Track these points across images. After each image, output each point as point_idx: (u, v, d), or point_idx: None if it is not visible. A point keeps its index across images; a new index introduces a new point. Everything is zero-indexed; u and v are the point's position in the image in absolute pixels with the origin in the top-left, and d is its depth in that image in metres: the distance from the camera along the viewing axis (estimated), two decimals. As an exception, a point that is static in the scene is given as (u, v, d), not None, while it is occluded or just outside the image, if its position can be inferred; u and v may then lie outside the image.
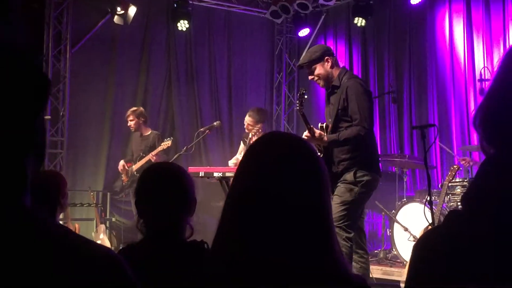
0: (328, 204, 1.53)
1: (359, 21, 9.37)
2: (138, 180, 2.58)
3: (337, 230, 4.61)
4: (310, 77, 5.22)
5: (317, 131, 4.94)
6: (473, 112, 1.19)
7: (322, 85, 5.19)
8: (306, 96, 5.15)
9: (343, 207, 4.76)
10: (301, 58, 5.36)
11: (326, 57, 5.08)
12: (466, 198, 1.18)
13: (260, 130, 7.22)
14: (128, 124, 8.35)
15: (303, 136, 5.01)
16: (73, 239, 1.04)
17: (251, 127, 7.09)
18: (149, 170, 2.61)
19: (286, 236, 1.41)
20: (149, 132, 8.41)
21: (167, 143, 7.94)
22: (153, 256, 2.36)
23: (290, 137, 1.61)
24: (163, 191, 2.45)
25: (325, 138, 4.90)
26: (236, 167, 5.70)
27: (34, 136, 1.06)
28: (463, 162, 7.17)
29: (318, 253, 1.44)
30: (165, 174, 2.54)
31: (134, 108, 8.41)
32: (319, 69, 5.08)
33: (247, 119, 7.20)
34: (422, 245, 1.26)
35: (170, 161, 7.56)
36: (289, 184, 1.46)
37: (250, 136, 7.16)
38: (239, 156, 7.42)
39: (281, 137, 1.62)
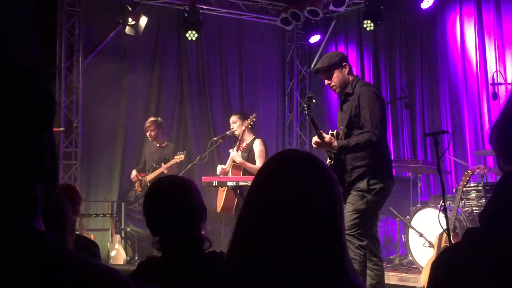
0: (340, 219, 1.54)
1: (368, 25, 9.33)
2: (144, 202, 2.55)
3: (349, 238, 4.59)
4: (326, 82, 5.18)
5: (327, 136, 4.91)
6: (488, 130, 1.19)
7: (338, 92, 5.17)
8: (314, 100, 5.12)
9: (355, 215, 4.74)
10: (318, 62, 5.29)
11: (345, 63, 5.08)
12: (483, 216, 1.18)
13: (245, 130, 7.32)
14: (148, 134, 8.33)
15: (313, 142, 5.00)
16: (82, 263, 1.03)
17: (234, 124, 7.42)
18: (151, 190, 2.57)
19: (298, 249, 1.43)
20: (165, 144, 8.42)
21: (180, 157, 7.94)
22: (174, 270, 2.36)
23: (302, 155, 1.63)
24: (169, 207, 2.44)
25: (335, 143, 4.88)
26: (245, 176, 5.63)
27: (41, 157, 1.05)
28: (478, 170, 7.11)
29: (330, 264, 1.45)
30: (166, 189, 2.53)
31: (154, 118, 8.42)
32: (337, 75, 5.05)
33: (232, 119, 7.45)
34: (441, 264, 1.26)
35: (181, 172, 7.62)
36: (301, 200, 1.48)
37: (239, 135, 7.34)
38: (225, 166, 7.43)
39: (294, 155, 1.64)
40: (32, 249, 0.99)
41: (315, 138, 4.93)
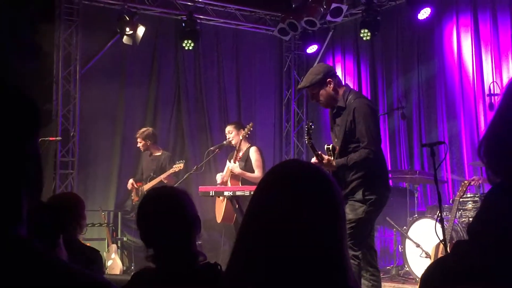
0: (342, 229, 1.54)
1: (365, 34, 9.33)
2: (136, 214, 2.52)
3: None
4: (312, 100, 5.21)
5: (326, 157, 4.91)
6: (478, 142, 1.20)
7: (325, 107, 5.20)
8: (313, 127, 5.11)
9: (350, 225, 4.73)
10: (302, 80, 5.24)
11: (328, 79, 4.99)
12: (471, 228, 1.18)
13: (240, 139, 7.37)
14: (138, 145, 8.43)
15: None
16: (67, 271, 1.02)
17: (230, 134, 7.50)
18: (143, 202, 2.55)
19: (299, 259, 1.42)
20: (159, 153, 8.45)
21: (179, 165, 7.95)
22: (167, 282, 2.35)
23: (306, 166, 1.63)
24: (162, 219, 2.42)
25: (334, 163, 4.88)
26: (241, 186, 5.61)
27: (26, 164, 1.04)
28: (473, 182, 7.10)
29: (331, 274, 1.44)
30: (159, 201, 2.50)
31: (143, 130, 8.48)
32: (321, 93, 5.01)
33: (228, 129, 7.51)
34: (430, 276, 1.26)
35: (179, 182, 7.62)
36: (304, 210, 1.47)
37: (236, 145, 7.38)
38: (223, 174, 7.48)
39: (297, 166, 1.63)
40: (15, 257, 0.99)
41: (314, 159, 4.92)
